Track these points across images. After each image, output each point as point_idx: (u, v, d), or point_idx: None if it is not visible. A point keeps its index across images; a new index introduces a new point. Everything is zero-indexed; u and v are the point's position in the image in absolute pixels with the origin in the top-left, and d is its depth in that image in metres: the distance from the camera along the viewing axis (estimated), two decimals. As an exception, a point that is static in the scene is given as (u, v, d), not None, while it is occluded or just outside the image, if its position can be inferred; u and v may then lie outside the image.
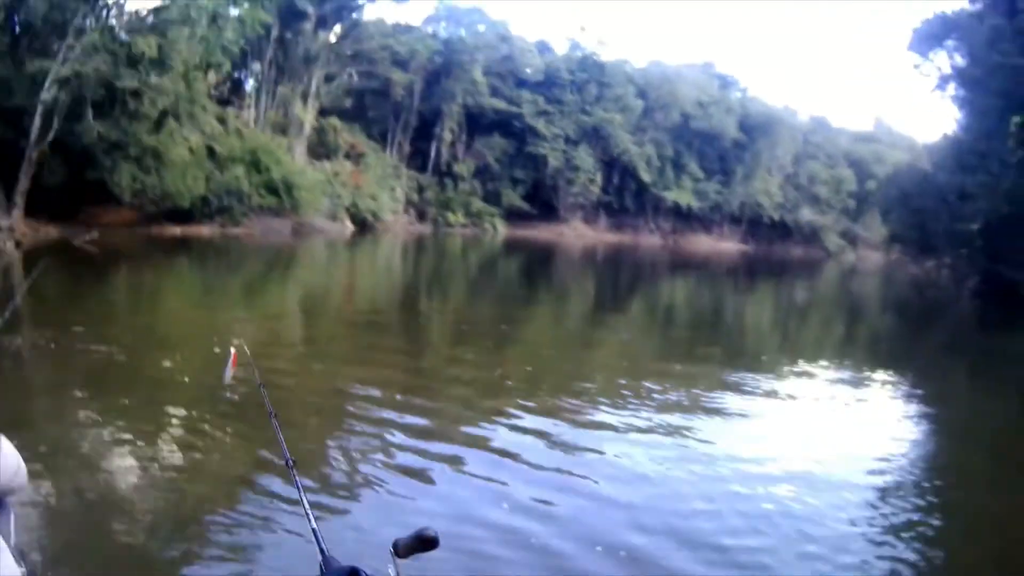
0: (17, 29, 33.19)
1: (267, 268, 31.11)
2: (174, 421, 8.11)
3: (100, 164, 34.57)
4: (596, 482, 6.91)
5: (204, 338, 13.13)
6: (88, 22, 31.67)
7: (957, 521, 6.92)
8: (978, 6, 34.79)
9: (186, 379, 10.28)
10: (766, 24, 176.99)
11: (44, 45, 31.66)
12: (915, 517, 6.68)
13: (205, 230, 41.83)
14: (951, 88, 41.30)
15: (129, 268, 26.96)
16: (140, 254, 31.85)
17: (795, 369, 14.34)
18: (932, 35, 39.53)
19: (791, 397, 11.64)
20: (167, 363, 11.31)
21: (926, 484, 7.91)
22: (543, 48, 78.49)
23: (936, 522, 6.70)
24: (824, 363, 15.31)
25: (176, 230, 40.02)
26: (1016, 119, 32.03)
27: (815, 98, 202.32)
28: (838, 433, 9.54)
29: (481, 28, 68.96)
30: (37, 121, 31.25)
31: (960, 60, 38.58)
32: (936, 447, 9.95)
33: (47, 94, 30.65)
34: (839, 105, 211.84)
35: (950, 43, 38.70)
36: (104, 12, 33.23)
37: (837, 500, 6.87)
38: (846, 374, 14.21)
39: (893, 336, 22.27)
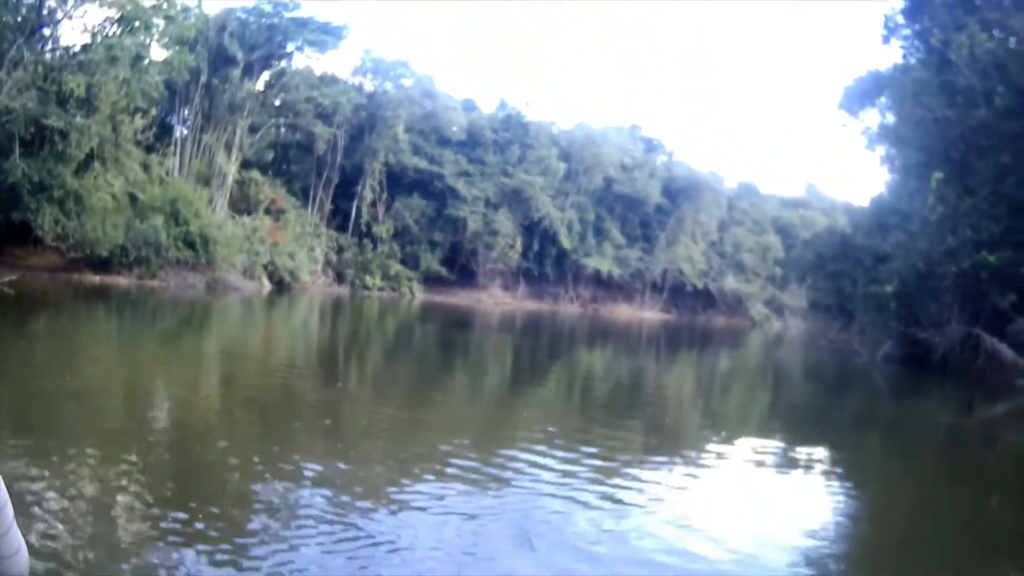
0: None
1: (184, 324, 30.58)
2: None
3: (24, 205, 34.13)
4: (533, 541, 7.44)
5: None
6: (24, 54, 31.60)
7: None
8: (910, 61, 35.65)
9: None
10: (697, 88, 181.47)
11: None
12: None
13: (122, 280, 41.32)
14: (880, 149, 42.82)
15: (39, 313, 26.80)
16: (55, 300, 31.42)
17: (715, 444, 14.85)
18: (863, 92, 40.55)
19: (711, 468, 12.32)
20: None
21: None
22: (468, 106, 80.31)
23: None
24: (742, 436, 16.07)
25: (95, 278, 39.50)
26: (937, 175, 33.67)
27: (745, 163, 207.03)
28: (763, 505, 10.04)
29: (407, 82, 70.47)
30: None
31: (891, 118, 39.51)
32: (858, 518, 10.44)
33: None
34: (770, 170, 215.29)
35: (882, 101, 39.72)
36: (40, 45, 33.22)
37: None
38: (765, 446, 14.98)
39: (803, 408, 22.83)
